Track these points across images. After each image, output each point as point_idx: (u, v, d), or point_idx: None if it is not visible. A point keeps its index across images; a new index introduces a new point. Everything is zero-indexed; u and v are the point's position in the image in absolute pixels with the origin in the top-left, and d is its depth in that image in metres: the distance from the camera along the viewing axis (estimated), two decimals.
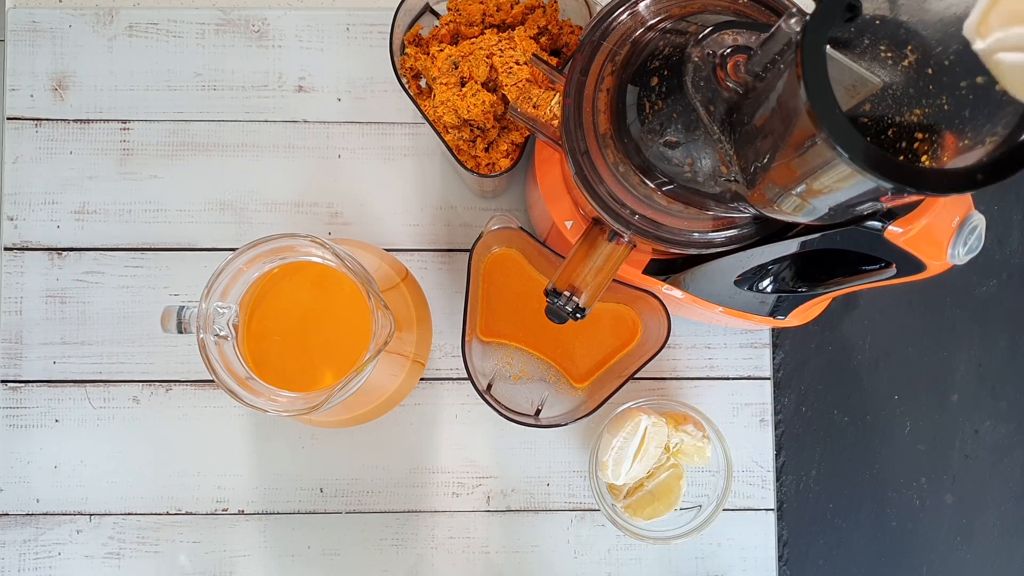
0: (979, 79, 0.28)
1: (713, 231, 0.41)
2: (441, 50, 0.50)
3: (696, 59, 0.35)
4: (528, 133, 0.51)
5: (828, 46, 0.27)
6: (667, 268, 0.49)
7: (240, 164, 0.61)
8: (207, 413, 0.59)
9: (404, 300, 0.52)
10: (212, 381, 0.51)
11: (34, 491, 0.59)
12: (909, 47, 0.31)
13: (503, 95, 0.49)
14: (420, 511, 0.60)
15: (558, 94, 0.46)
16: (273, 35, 0.61)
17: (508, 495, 0.60)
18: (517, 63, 0.48)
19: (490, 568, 0.60)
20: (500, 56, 0.48)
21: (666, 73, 0.36)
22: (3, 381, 0.59)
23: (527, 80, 0.48)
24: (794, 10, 0.30)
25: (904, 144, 0.30)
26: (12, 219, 0.60)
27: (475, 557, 0.60)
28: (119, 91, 0.60)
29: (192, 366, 0.60)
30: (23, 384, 0.59)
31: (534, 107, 0.46)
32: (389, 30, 0.49)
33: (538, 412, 0.56)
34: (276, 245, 0.41)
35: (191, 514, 0.59)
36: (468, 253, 0.51)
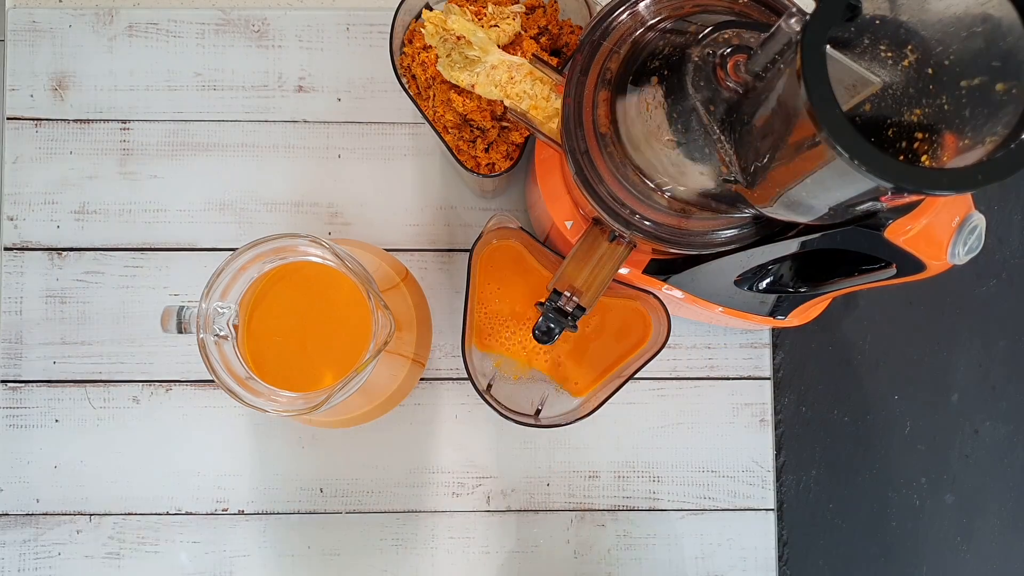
0: (979, 79, 0.28)
1: (713, 231, 0.41)
2: None
3: (696, 59, 0.35)
4: (528, 133, 0.51)
5: (828, 46, 0.27)
6: (667, 268, 0.48)
7: (240, 164, 0.61)
8: (207, 413, 0.59)
9: (404, 300, 0.52)
10: (212, 381, 0.51)
11: (34, 491, 0.59)
12: (909, 47, 0.31)
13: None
14: (420, 511, 0.60)
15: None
16: (273, 35, 0.61)
17: (508, 495, 0.60)
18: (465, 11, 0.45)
19: (490, 568, 0.60)
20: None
21: (666, 73, 0.36)
22: (3, 381, 0.59)
23: (457, 37, 0.44)
24: (794, 10, 0.30)
25: (904, 144, 0.30)
26: (12, 219, 0.60)
27: (475, 557, 0.60)
28: (119, 91, 0.60)
29: (192, 366, 0.60)
30: (23, 384, 0.59)
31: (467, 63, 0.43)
32: (389, 30, 0.49)
33: (538, 412, 0.56)
34: (276, 245, 0.41)
35: (191, 514, 0.59)
36: (468, 253, 0.51)
